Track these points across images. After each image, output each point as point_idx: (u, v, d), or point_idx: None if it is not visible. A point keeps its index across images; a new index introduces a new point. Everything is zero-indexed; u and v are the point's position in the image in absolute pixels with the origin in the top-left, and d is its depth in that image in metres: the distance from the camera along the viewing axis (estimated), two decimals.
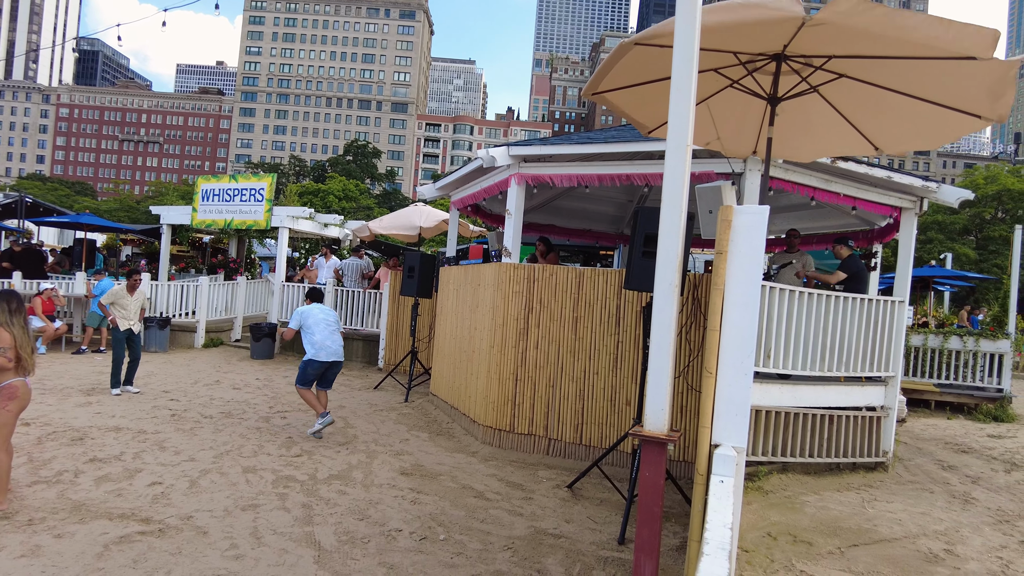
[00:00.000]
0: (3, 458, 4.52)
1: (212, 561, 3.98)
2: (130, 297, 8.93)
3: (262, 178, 14.94)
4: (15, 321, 4.51)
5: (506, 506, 5.31)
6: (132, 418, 7.39)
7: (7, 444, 4.57)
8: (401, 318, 12.08)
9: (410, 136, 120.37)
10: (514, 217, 7.27)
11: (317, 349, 7.12)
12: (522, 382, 7.02)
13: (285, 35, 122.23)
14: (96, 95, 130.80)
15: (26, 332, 4.56)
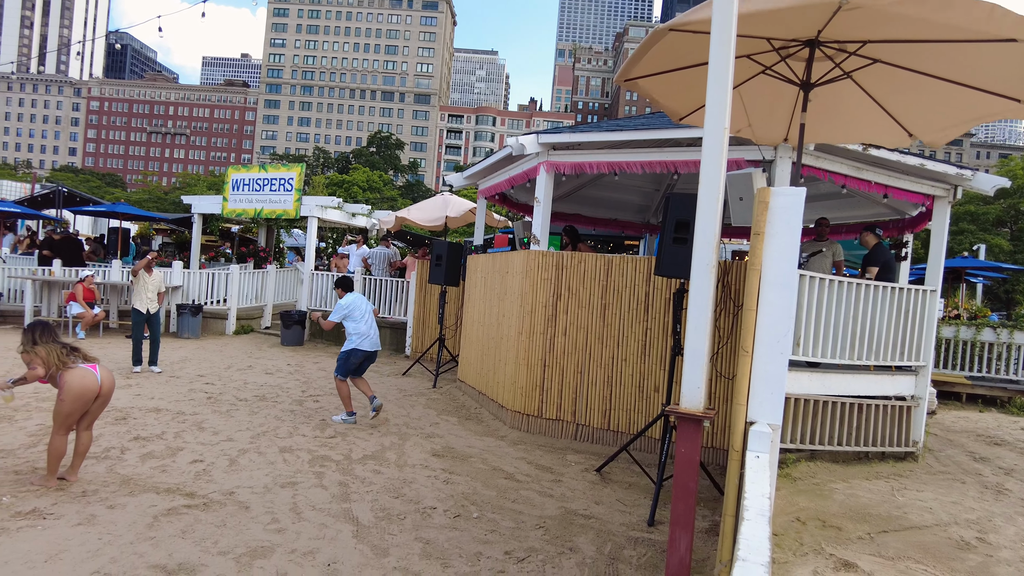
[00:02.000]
0: (59, 442, 4.66)
1: (255, 533, 4.14)
2: (148, 277, 9.23)
3: (291, 168, 15.14)
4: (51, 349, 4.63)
5: (536, 488, 5.41)
6: (170, 400, 7.63)
7: (66, 430, 4.73)
8: (428, 306, 12.23)
9: (433, 127, 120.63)
10: (543, 205, 7.33)
11: (361, 339, 7.24)
12: (550, 368, 7.10)
13: (309, 27, 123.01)
14: (125, 88, 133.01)
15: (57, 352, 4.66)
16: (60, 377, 4.63)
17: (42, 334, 4.66)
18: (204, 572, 3.56)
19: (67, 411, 4.63)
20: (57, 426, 4.67)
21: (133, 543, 3.85)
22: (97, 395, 4.76)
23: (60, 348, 4.67)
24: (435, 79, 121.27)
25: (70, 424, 4.72)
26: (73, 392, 4.60)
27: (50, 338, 4.68)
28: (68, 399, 4.60)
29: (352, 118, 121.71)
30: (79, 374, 4.67)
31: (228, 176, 15.98)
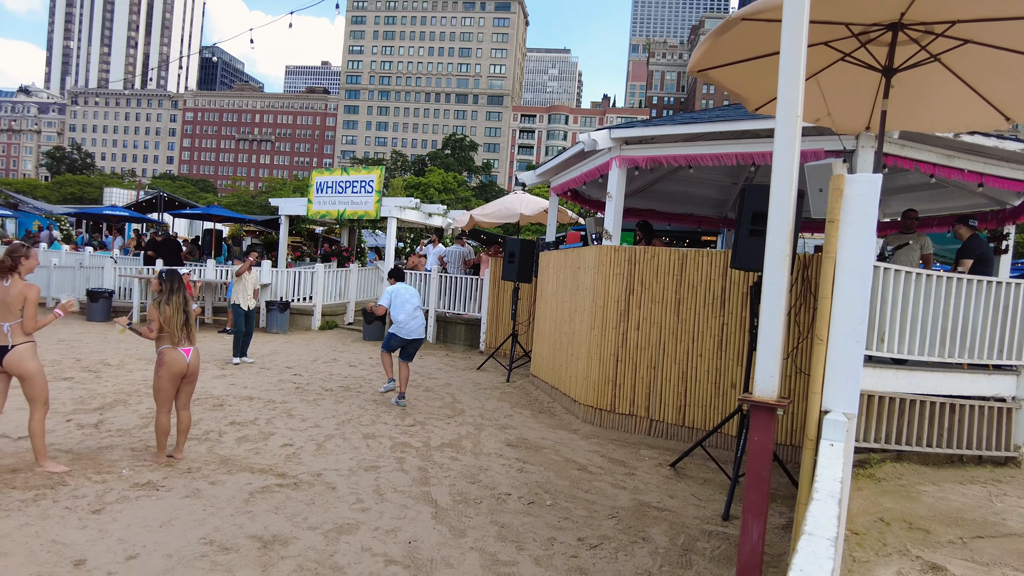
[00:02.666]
0: (164, 420, 5.15)
1: (342, 512, 4.41)
2: (248, 276, 9.98)
3: (371, 170, 15.72)
4: (172, 300, 5.15)
5: (609, 479, 5.47)
6: (262, 389, 8.13)
7: (168, 407, 5.20)
8: (501, 302, 12.43)
9: (505, 128, 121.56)
10: (615, 200, 7.36)
11: (399, 327, 7.86)
12: (623, 363, 7.12)
13: (385, 33, 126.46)
14: (216, 99, 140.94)
15: (179, 310, 5.17)
16: (160, 354, 5.10)
17: (177, 288, 5.19)
18: (296, 544, 3.84)
19: (161, 387, 5.14)
20: (158, 404, 5.18)
21: (233, 515, 4.19)
22: (184, 374, 5.24)
23: (184, 319, 5.15)
24: (508, 80, 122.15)
25: (167, 400, 5.19)
26: (166, 369, 5.12)
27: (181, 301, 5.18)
28: (165, 374, 5.11)
29: (427, 121, 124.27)
30: (173, 355, 5.15)
31: (312, 179, 16.75)
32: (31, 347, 4.72)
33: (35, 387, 4.72)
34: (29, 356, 4.68)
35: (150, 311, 5.17)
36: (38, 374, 4.73)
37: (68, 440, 5.56)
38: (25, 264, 4.77)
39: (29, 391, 4.71)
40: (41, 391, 4.75)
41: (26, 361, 4.66)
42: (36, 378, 4.71)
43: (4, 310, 4.57)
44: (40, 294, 4.76)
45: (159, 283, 5.25)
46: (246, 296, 10.05)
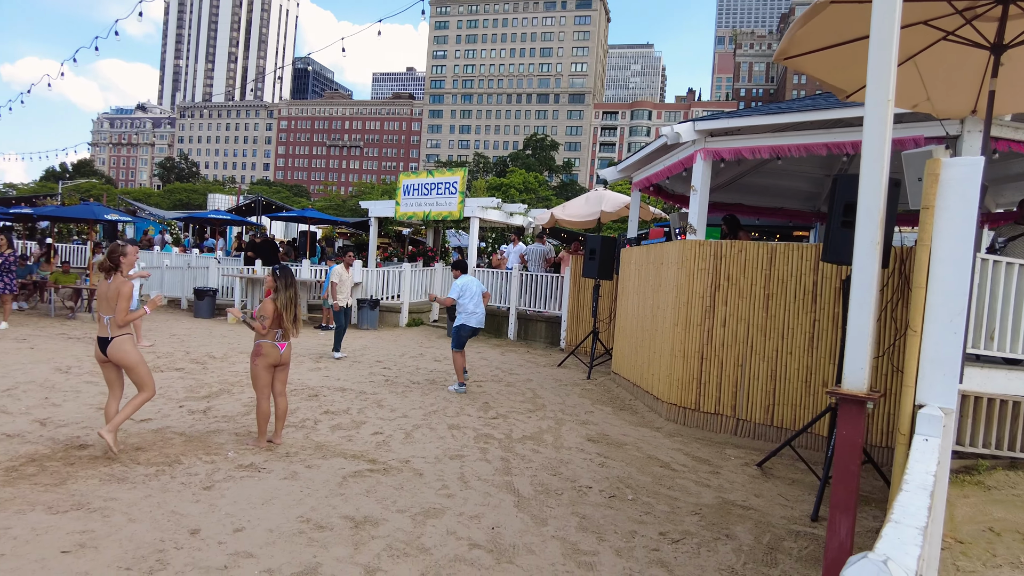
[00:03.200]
0: (264, 405, 5.52)
1: (428, 497, 4.58)
2: (347, 274, 10.50)
3: (455, 172, 16.09)
4: (286, 294, 5.50)
5: (692, 477, 5.39)
6: (353, 381, 8.52)
7: (266, 393, 5.56)
8: (582, 300, 12.42)
9: (587, 126, 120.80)
10: (699, 193, 7.23)
11: (468, 316, 8.33)
12: (708, 361, 6.98)
13: (468, 37, 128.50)
14: (308, 107, 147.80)
15: (292, 304, 5.53)
16: (258, 347, 5.45)
17: (290, 284, 5.56)
18: (385, 526, 4.03)
19: (258, 375, 5.48)
20: (258, 391, 5.54)
21: (327, 497, 4.45)
22: (278, 363, 5.58)
23: (295, 313, 5.51)
24: (589, 77, 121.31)
25: (265, 387, 5.53)
26: (262, 359, 5.47)
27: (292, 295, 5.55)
28: (260, 362, 5.46)
29: (509, 122, 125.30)
30: (269, 348, 5.50)
31: (400, 182, 17.32)
32: (128, 339, 5.08)
33: (137, 374, 5.11)
34: (127, 347, 5.06)
35: (265, 307, 5.47)
36: (138, 363, 5.11)
37: (181, 424, 6.05)
38: (124, 262, 5.15)
39: (134, 378, 5.12)
40: (143, 377, 5.12)
41: (124, 351, 5.03)
42: (137, 366, 5.10)
43: (106, 305, 5.01)
44: (134, 291, 5.15)
45: (274, 279, 5.60)
46: (344, 294, 10.60)
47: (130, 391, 5.32)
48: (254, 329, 5.51)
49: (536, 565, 3.62)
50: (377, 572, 3.42)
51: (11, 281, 11.54)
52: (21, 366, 8.22)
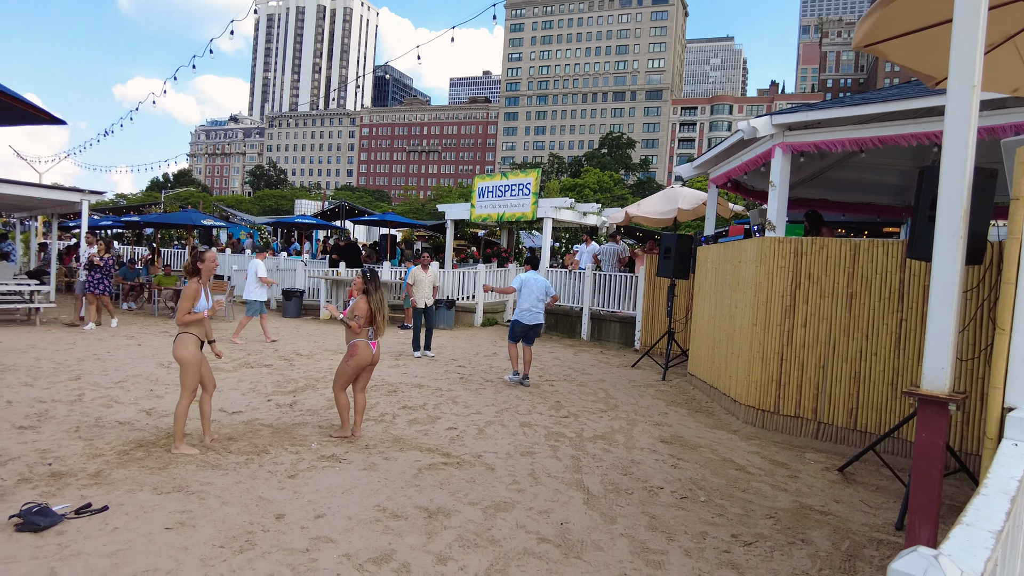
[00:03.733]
0: (340, 398, 5.77)
1: (499, 491, 4.68)
2: (424, 275, 10.74)
3: (528, 173, 16.21)
4: (377, 294, 5.75)
5: (769, 481, 5.25)
6: (430, 378, 8.76)
7: (344, 388, 5.81)
8: (657, 300, 12.25)
9: (665, 123, 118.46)
10: (778, 189, 7.01)
11: (521, 312, 8.55)
12: (788, 362, 6.76)
13: (543, 38, 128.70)
14: (388, 114, 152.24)
15: (383, 303, 5.77)
16: (353, 346, 5.68)
17: (377, 287, 5.80)
18: (457, 517, 4.15)
19: (347, 373, 5.72)
20: (338, 385, 5.79)
21: (403, 488, 4.62)
22: (368, 364, 5.81)
23: (383, 312, 5.76)
24: (667, 73, 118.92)
25: (346, 383, 5.78)
26: (356, 359, 5.68)
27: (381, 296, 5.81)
28: (352, 363, 5.69)
29: (584, 122, 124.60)
30: (364, 349, 5.73)
31: (475, 184, 17.61)
32: (185, 338, 5.16)
33: (184, 374, 5.18)
34: (181, 345, 5.15)
35: (359, 306, 5.68)
36: (187, 363, 5.15)
37: (269, 416, 6.42)
38: (203, 267, 5.30)
39: (181, 377, 5.21)
40: (188, 379, 5.15)
41: (178, 349, 5.16)
42: (185, 367, 5.16)
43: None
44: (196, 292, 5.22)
45: (364, 280, 5.86)
46: (425, 294, 10.86)
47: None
48: (349, 327, 5.72)
49: (604, 562, 3.65)
50: (448, 561, 3.54)
51: (109, 283, 12.49)
52: (130, 361, 8.93)
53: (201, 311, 5.20)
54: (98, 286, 12.21)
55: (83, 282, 12.32)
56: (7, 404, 6.42)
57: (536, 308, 8.64)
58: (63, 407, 6.41)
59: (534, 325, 8.65)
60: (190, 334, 5.20)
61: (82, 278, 12.39)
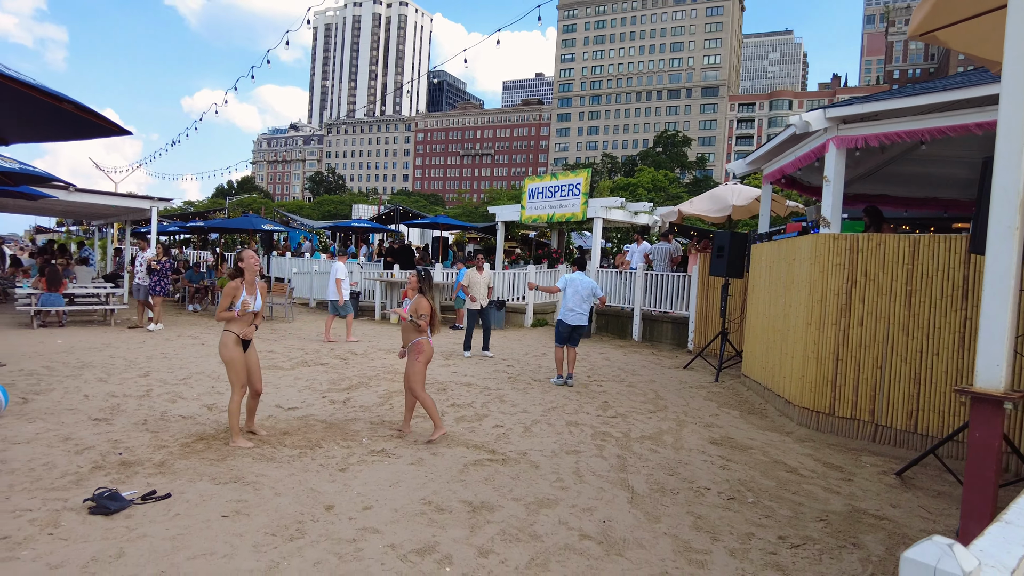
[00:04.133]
0: (425, 399, 5.80)
1: (543, 488, 4.71)
2: (478, 277, 10.86)
3: (578, 173, 16.16)
4: (431, 294, 5.89)
5: (821, 483, 5.10)
6: (478, 377, 8.86)
7: (424, 386, 5.88)
8: (710, 300, 12.03)
9: (721, 120, 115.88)
10: (833, 184, 6.80)
11: (564, 312, 8.51)
12: (843, 362, 6.55)
13: (596, 38, 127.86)
14: (442, 119, 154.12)
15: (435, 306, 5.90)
16: (419, 343, 5.78)
17: (431, 286, 5.96)
18: (500, 512, 4.21)
19: (422, 371, 5.78)
20: (419, 386, 5.75)
21: (449, 483, 4.71)
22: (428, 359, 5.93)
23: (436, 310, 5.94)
24: (723, 69, 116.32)
25: (424, 381, 5.82)
26: (424, 356, 5.80)
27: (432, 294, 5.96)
28: (422, 360, 5.78)
29: (638, 121, 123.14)
30: (428, 344, 5.86)
31: (525, 186, 17.69)
32: (224, 336, 5.36)
33: (228, 372, 5.38)
34: (222, 345, 5.37)
35: (422, 305, 5.78)
36: (228, 362, 5.33)
37: (322, 412, 6.64)
38: (243, 265, 5.47)
39: (228, 374, 5.39)
40: (232, 376, 5.34)
41: (220, 349, 5.38)
42: (227, 365, 5.36)
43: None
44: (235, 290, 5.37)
45: (418, 280, 5.99)
46: (480, 295, 10.97)
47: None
48: (420, 327, 5.79)
49: (645, 559, 3.63)
50: (490, 554, 3.60)
51: (166, 285, 13.05)
52: (194, 360, 9.37)
53: (236, 309, 5.35)
54: (155, 288, 12.76)
55: (142, 285, 12.91)
56: (84, 398, 6.85)
57: (580, 309, 8.60)
58: (133, 401, 6.79)
59: (577, 326, 8.59)
60: (230, 332, 5.38)
61: (140, 281, 12.99)
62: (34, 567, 3.25)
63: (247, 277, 5.50)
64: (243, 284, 5.46)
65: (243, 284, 5.46)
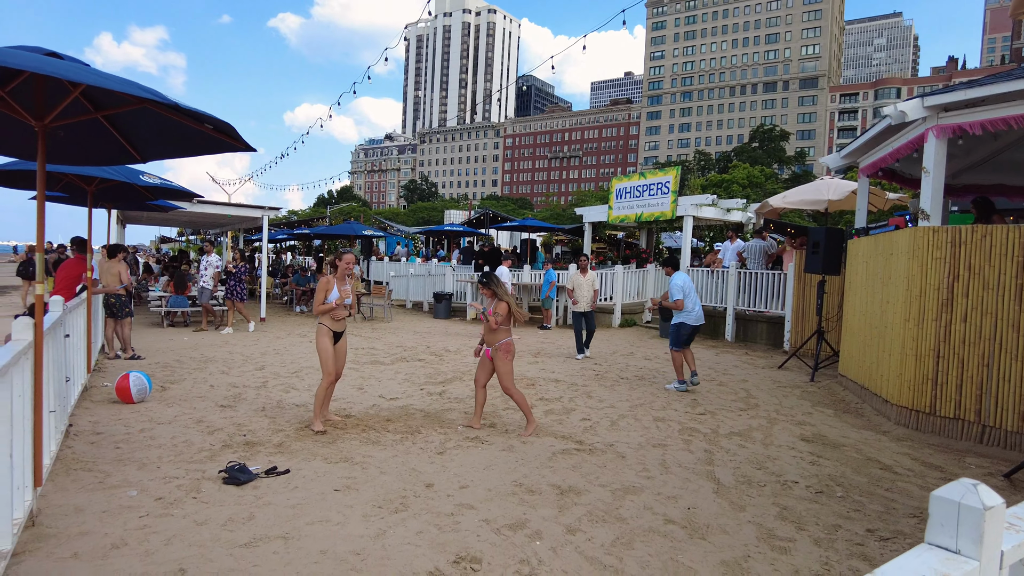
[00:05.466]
0: (517, 395, 6.03)
1: (629, 477, 4.89)
2: (583, 279, 10.97)
3: (667, 171, 16.06)
4: (503, 293, 6.16)
5: (917, 482, 4.98)
6: (566, 374, 9.09)
7: (513, 383, 6.09)
8: (806, 298, 11.69)
9: (821, 112, 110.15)
10: (932, 176, 6.55)
11: (687, 314, 8.24)
12: (945, 360, 6.29)
13: (686, 34, 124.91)
14: (530, 123, 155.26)
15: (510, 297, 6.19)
16: (509, 343, 6.03)
17: (499, 285, 6.18)
18: (587, 496, 4.43)
19: (511, 368, 6.03)
20: (510, 383, 5.97)
21: (538, 468, 4.98)
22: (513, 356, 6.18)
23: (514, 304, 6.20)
24: (823, 59, 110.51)
25: (513, 378, 6.05)
26: (512, 353, 6.08)
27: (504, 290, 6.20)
28: (511, 358, 6.02)
29: (732, 116, 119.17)
30: (515, 344, 6.15)
31: (613, 186, 17.75)
32: (318, 328, 5.92)
33: (320, 360, 5.91)
34: (316, 336, 5.95)
35: (501, 308, 6.01)
36: (321, 351, 5.87)
37: (421, 403, 7.09)
38: (340, 264, 5.97)
39: (320, 361, 5.91)
40: (322, 364, 5.88)
41: (316, 337, 5.94)
42: (320, 353, 5.89)
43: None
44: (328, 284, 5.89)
45: (484, 287, 6.27)
46: (584, 298, 10.99)
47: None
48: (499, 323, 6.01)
49: (728, 544, 3.75)
50: (577, 532, 3.83)
51: (242, 290, 13.39)
52: (303, 355, 10.15)
53: (331, 302, 5.87)
54: (232, 292, 13.19)
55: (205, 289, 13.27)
56: (210, 388, 7.64)
57: (699, 307, 8.39)
58: (252, 391, 7.51)
59: (698, 326, 8.35)
60: (323, 325, 5.93)
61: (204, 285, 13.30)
62: (185, 523, 3.79)
63: (339, 274, 6.02)
64: (334, 279, 5.99)
65: (334, 279, 5.99)
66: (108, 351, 9.72)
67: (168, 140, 4.84)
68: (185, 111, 3.58)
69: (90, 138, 4.75)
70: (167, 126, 4.53)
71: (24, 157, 5.00)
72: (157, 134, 4.81)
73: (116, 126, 4.68)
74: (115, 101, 4.14)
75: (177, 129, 4.47)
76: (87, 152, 4.92)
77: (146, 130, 4.77)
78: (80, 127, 4.57)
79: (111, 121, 4.61)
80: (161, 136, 4.83)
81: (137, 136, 4.80)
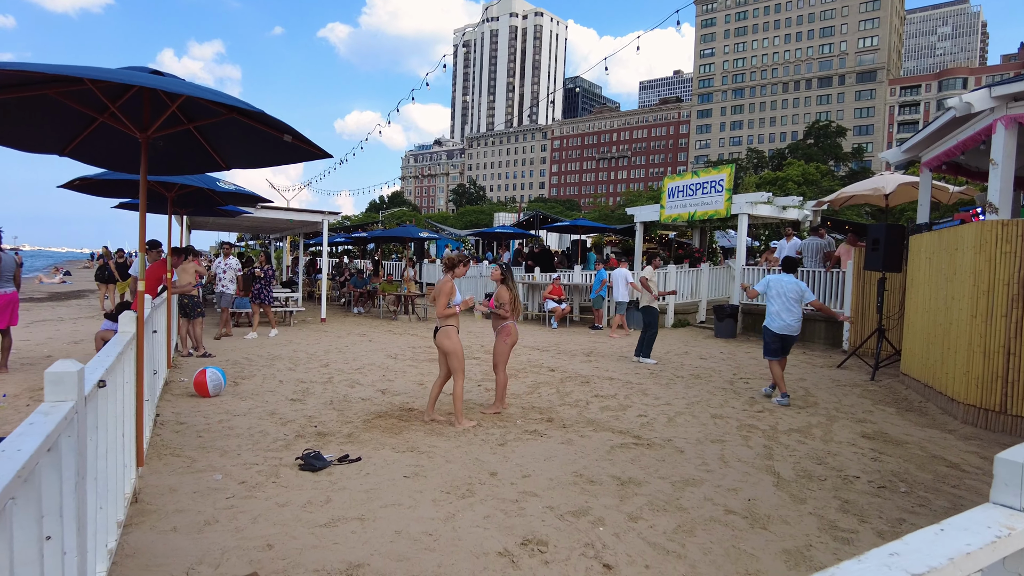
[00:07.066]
0: (502, 377, 6.56)
1: (688, 470, 4.96)
2: (655, 277, 10.98)
3: (721, 169, 15.90)
4: (512, 284, 6.47)
5: (987, 480, 4.89)
6: (621, 373, 9.17)
7: (505, 367, 6.63)
8: (867, 296, 11.43)
9: (880, 106, 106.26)
10: (1001, 168, 6.41)
11: (769, 318, 7.68)
12: (1017, 356, 6.13)
13: (737, 30, 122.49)
14: (577, 125, 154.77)
15: (517, 290, 6.51)
16: (507, 327, 6.49)
17: (511, 277, 6.58)
18: (647, 487, 4.53)
19: (508, 352, 6.56)
20: (502, 365, 6.60)
21: (597, 460, 5.11)
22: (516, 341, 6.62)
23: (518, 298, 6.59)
24: (881, 51, 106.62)
25: (507, 362, 6.62)
26: (511, 337, 6.54)
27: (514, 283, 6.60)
28: (509, 342, 6.53)
29: (785, 112, 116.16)
30: (515, 328, 6.60)
31: (665, 185, 17.67)
32: (447, 330, 6.05)
33: (453, 360, 6.05)
34: (445, 336, 6.04)
35: (501, 294, 6.50)
36: (454, 352, 6.02)
37: (479, 398, 7.30)
38: (456, 270, 6.21)
39: (451, 363, 6.08)
40: (457, 363, 6.06)
41: (445, 339, 6.05)
42: (452, 355, 6.04)
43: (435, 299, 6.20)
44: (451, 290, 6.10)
45: (501, 272, 6.60)
46: (648, 298, 10.93)
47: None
48: (500, 314, 6.51)
49: (789, 533, 3.80)
50: (639, 520, 3.95)
51: (270, 293, 13.37)
52: (365, 353, 10.51)
53: (455, 306, 6.05)
54: (259, 295, 13.17)
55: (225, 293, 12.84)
56: (279, 383, 8.03)
57: (789, 316, 7.48)
58: (319, 386, 7.85)
59: (784, 336, 7.55)
60: (451, 326, 6.09)
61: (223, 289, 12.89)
62: (267, 504, 4.07)
63: (455, 276, 6.20)
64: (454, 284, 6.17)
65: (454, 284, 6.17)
66: (181, 349, 10.29)
67: (251, 149, 5.14)
68: (270, 121, 3.85)
69: (181, 148, 5.12)
70: (251, 136, 4.84)
71: (113, 168, 5.42)
72: (240, 143, 5.12)
73: (205, 136, 5.03)
74: (206, 112, 4.47)
75: (259, 138, 4.78)
76: (178, 161, 5.29)
77: (229, 140, 5.10)
78: (174, 137, 4.93)
79: (201, 132, 4.96)
80: (244, 145, 5.13)
81: (221, 146, 5.14)
